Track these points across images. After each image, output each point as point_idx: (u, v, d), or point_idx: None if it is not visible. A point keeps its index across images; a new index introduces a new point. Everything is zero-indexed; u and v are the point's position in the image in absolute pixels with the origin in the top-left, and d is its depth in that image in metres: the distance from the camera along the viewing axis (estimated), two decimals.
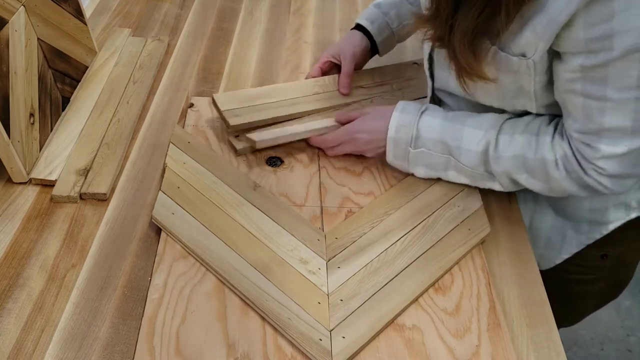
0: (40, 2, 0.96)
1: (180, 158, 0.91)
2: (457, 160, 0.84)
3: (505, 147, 0.80)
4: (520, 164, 0.80)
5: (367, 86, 1.06)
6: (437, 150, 0.84)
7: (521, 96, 0.79)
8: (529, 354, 0.71)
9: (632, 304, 1.85)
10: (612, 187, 0.76)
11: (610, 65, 0.67)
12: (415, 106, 0.87)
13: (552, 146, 0.78)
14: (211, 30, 1.27)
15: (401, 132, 0.86)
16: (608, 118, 0.71)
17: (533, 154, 0.79)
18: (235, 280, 0.74)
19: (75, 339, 0.69)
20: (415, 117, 0.85)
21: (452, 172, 0.86)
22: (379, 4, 1.05)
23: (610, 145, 0.72)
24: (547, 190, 0.81)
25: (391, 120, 0.86)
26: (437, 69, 0.89)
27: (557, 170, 0.78)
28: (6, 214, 0.83)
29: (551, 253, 0.94)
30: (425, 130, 0.84)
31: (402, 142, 0.86)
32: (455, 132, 0.83)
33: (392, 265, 0.77)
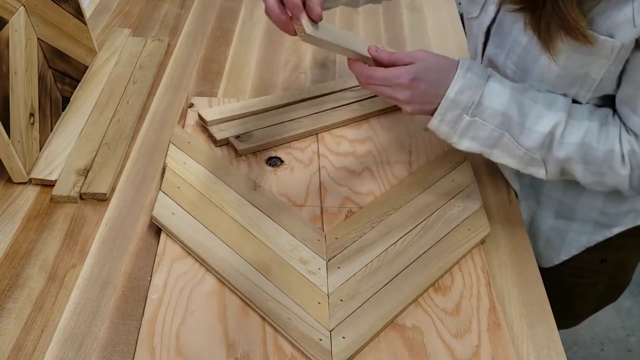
0: (40, 2, 0.96)
1: (180, 158, 0.91)
2: (513, 138, 0.76)
3: (573, 133, 0.74)
4: (584, 153, 0.74)
5: (355, 88, 1.06)
6: (495, 124, 0.76)
7: (579, 84, 0.75)
8: (529, 354, 0.71)
9: (632, 304, 1.84)
10: None
11: None
12: (480, 67, 0.77)
13: (620, 139, 0.74)
14: (211, 30, 1.27)
15: (464, 95, 0.75)
16: None
17: (601, 144, 0.74)
18: (235, 281, 0.74)
19: (75, 339, 0.69)
20: (482, 80, 0.76)
21: (498, 151, 0.78)
22: None
23: None
24: (594, 184, 0.77)
25: (455, 78, 0.75)
26: (491, 45, 0.83)
27: (623, 165, 0.74)
28: (6, 214, 0.83)
29: (550, 254, 0.94)
30: (489, 98, 0.75)
31: (460, 105, 0.75)
32: (525, 106, 0.75)
33: (392, 265, 0.77)
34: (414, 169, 0.93)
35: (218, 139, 0.93)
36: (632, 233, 0.89)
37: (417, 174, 0.92)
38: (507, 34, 0.78)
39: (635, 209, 0.87)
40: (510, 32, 0.77)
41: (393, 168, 0.93)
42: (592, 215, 0.88)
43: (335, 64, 1.19)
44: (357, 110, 1.01)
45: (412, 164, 0.94)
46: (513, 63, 0.79)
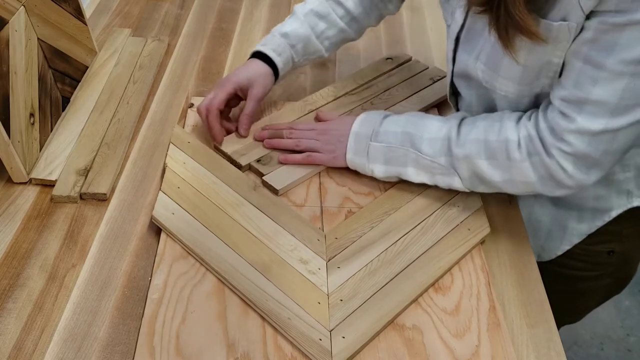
0: (40, 2, 0.96)
1: (180, 158, 0.91)
2: (417, 151, 0.83)
3: (467, 132, 0.81)
4: (482, 147, 0.79)
5: (354, 92, 1.06)
6: (398, 143, 0.84)
7: (543, 75, 0.77)
8: (529, 354, 0.71)
9: (631, 303, 1.85)
10: (574, 172, 0.74)
11: (627, 30, 0.66)
12: (381, 111, 0.90)
13: (516, 128, 0.78)
14: (211, 30, 1.27)
15: (364, 127, 0.87)
16: (597, 89, 0.70)
17: (496, 136, 0.79)
18: (235, 280, 0.74)
19: (75, 339, 0.69)
20: (380, 116, 0.88)
21: (410, 168, 0.85)
22: (286, 34, 0.98)
23: (588, 119, 0.71)
24: (508, 183, 0.80)
25: (358, 117, 0.89)
26: (461, 51, 0.87)
27: (519, 151, 0.77)
28: (6, 214, 0.84)
29: (552, 245, 0.94)
30: (388, 124, 0.86)
31: (364, 136, 0.86)
32: (419, 123, 0.85)
33: (392, 265, 0.78)
34: None
35: (243, 164, 0.91)
36: (634, 221, 0.90)
37: None
38: (478, 36, 0.81)
39: (626, 189, 0.87)
40: (481, 34, 0.80)
41: None
42: (588, 202, 0.89)
43: (335, 64, 1.19)
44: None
45: None
46: (482, 63, 0.82)
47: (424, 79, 1.10)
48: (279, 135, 0.93)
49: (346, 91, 1.06)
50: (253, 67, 0.96)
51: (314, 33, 1.00)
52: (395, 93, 1.06)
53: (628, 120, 0.70)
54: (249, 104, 0.95)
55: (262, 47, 0.98)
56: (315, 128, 0.93)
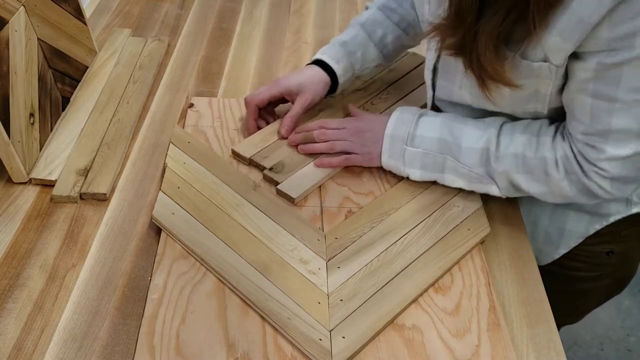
0: (40, 2, 0.96)
1: (180, 158, 0.91)
2: (455, 159, 0.83)
3: (506, 146, 0.80)
4: (520, 163, 0.79)
5: (362, 87, 1.06)
6: (435, 149, 0.84)
7: (534, 100, 0.79)
8: (529, 354, 0.71)
9: (631, 303, 1.85)
10: (612, 190, 0.76)
11: (627, 64, 0.67)
12: (414, 108, 0.88)
13: (552, 146, 0.78)
14: (211, 30, 1.27)
15: (399, 129, 0.85)
16: (615, 119, 0.71)
17: (534, 153, 0.79)
18: (235, 280, 0.74)
19: (75, 339, 0.69)
20: (414, 115, 0.86)
21: (448, 175, 0.85)
22: (345, 42, 0.99)
23: (616, 147, 0.72)
24: (546, 194, 0.81)
25: (390, 117, 0.87)
26: (441, 79, 0.88)
27: (557, 170, 0.78)
28: (6, 214, 0.84)
29: (550, 248, 0.95)
30: (423, 128, 0.84)
31: (399, 139, 0.85)
32: (456, 129, 0.83)
33: (392, 265, 0.78)
34: None
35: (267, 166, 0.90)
36: (633, 224, 0.90)
37: None
38: (456, 68, 0.80)
39: (625, 197, 0.87)
40: (458, 66, 0.79)
41: None
42: (586, 205, 0.89)
43: None
44: None
45: None
46: (468, 92, 0.83)
47: (419, 75, 1.10)
48: (311, 139, 0.91)
49: (354, 87, 1.06)
50: (307, 73, 0.97)
51: (372, 40, 1.00)
52: (394, 92, 1.06)
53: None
54: (294, 108, 0.95)
55: (320, 55, 0.98)
56: (346, 127, 0.91)
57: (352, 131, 0.90)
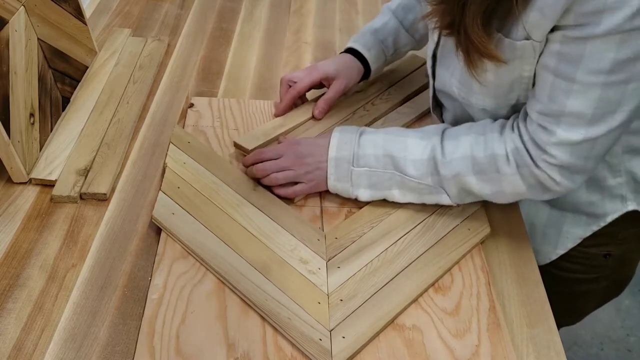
0: (40, 2, 0.96)
1: (180, 158, 0.91)
2: (402, 174, 0.82)
3: (452, 150, 0.80)
4: (469, 164, 0.79)
5: (362, 88, 1.06)
6: (381, 166, 0.82)
7: (516, 88, 0.78)
8: (529, 354, 0.71)
9: (631, 303, 1.85)
10: (561, 180, 0.75)
11: (590, 42, 0.67)
12: (352, 127, 0.87)
13: (502, 140, 0.78)
14: (211, 30, 1.27)
15: (343, 150, 0.83)
16: (571, 101, 0.70)
17: (483, 151, 0.78)
18: (235, 280, 0.74)
19: (75, 339, 0.69)
20: (355, 135, 0.84)
21: (396, 190, 0.83)
22: (376, 30, 1.02)
23: (567, 131, 0.72)
24: (497, 194, 0.80)
25: (331, 139, 0.85)
26: (439, 67, 0.88)
27: (508, 164, 0.77)
28: (6, 214, 0.84)
29: (547, 248, 0.95)
30: (367, 146, 0.83)
31: (344, 160, 0.83)
32: (399, 143, 0.82)
33: (392, 265, 0.78)
34: None
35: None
36: (629, 225, 0.90)
37: None
38: (451, 54, 0.81)
39: (620, 194, 0.87)
40: (452, 53, 0.80)
41: None
42: (581, 206, 0.89)
43: None
44: (365, 116, 1.01)
45: None
46: (457, 80, 0.83)
47: (420, 76, 1.10)
48: (253, 175, 0.88)
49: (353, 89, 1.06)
50: (342, 59, 1.01)
51: (404, 26, 1.02)
52: (394, 92, 1.06)
53: (606, 128, 0.71)
54: (329, 93, 0.99)
55: (352, 44, 1.02)
56: (284, 153, 0.86)
57: (292, 158, 0.86)
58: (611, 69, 0.67)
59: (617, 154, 0.84)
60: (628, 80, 0.68)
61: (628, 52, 0.66)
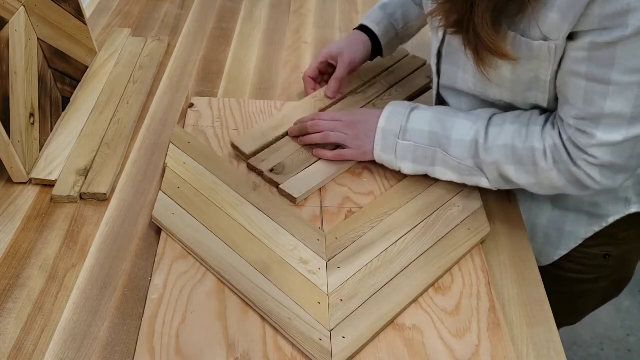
0: (40, 2, 0.96)
1: (180, 158, 0.91)
2: (445, 152, 0.83)
3: (495, 137, 0.80)
4: (509, 154, 0.79)
5: (360, 90, 1.06)
6: (425, 143, 0.84)
7: (534, 88, 0.78)
8: (529, 354, 0.71)
9: (631, 303, 1.85)
10: (601, 180, 0.75)
11: (620, 44, 0.66)
12: (407, 102, 0.89)
13: (541, 135, 0.78)
14: (211, 30, 1.27)
15: (391, 123, 0.86)
16: (609, 102, 0.70)
17: (523, 143, 0.78)
18: (235, 280, 0.74)
19: (75, 339, 0.69)
20: (406, 109, 0.86)
21: (439, 168, 0.85)
22: (384, 4, 1.04)
23: (607, 133, 0.72)
24: (535, 185, 0.80)
25: (383, 111, 0.87)
26: (445, 64, 0.88)
27: (545, 159, 0.77)
28: (6, 214, 0.84)
29: (549, 249, 0.95)
30: (415, 121, 0.85)
31: (391, 132, 0.85)
32: (447, 122, 0.83)
33: (392, 265, 0.78)
34: None
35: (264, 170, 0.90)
36: (630, 226, 0.90)
37: None
38: (459, 50, 0.80)
39: (624, 196, 0.87)
40: (462, 49, 0.79)
41: None
42: (584, 206, 0.89)
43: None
44: None
45: None
46: (471, 75, 0.83)
47: (421, 76, 1.10)
48: (305, 130, 0.93)
49: (352, 88, 1.06)
50: (347, 37, 1.04)
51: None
52: (395, 93, 1.06)
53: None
54: (338, 70, 1.01)
55: (363, 21, 1.05)
56: (341, 119, 0.91)
57: (346, 123, 0.90)
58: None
59: None
60: None
61: None
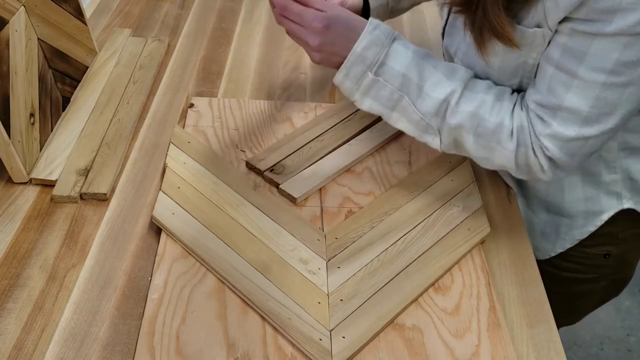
0: (40, 2, 0.96)
1: (181, 158, 0.91)
2: (411, 102, 0.77)
3: (467, 102, 0.76)
4: (475, 123, 0.76)
5: None
6: (395, 85, 0.77)
7: (520, 72, 0.78)
8: (529, 354, 0.71)
9: (631, 303, 1.85)
10: (547, 170, 0.75)
11: (597, 39, 0.67)
12: (387, 28, 0.79)
13: (512, 114, 0.76)
14: (211, 30, 1.27)
15: (370, 51, 0.77)
16: (570, 96, 0.70)
17: (494, 116, 0.76)
18: (235, 280, 0.74)
19: (75, 339, 0.69)
20: (388, 40, 0.78)
21: (396, 114, 0.79)
22: None
23: (561, 126, 0.72)
24: (484, 160, 0.79)
25: (363, 34, 0.77)
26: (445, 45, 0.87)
27: (510, 140, 0.76)
28: (6, 214, 0.84)
29: (546, 246, 0.95)
30: (393, 59, 0.77)
31: (366, 62, 0.77)
32: (424, 70, 0.77)
33: (392, 265, 0.78)
34: (414, 169, 0.93)
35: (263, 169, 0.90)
36: (630, 224, 0.90)
37: (417, 174, 0.92)
38: (458, 32, 0.80)
39: (616, 191, 0.87)
40: (460, 31, 0.79)
41: (393, 168, 0.93)
42: (579, 206, 0.89)
43: None
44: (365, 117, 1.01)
45: (412, 164, 0.94)
46: (459, 59, 0.82)
47: None
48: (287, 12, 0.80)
49: None
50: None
51: None
52: None
53: (599, 129, 0.71)
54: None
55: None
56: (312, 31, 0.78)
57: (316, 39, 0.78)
58: (613, 69, 0.67)
59: (613, 150, 0.84)
60: (627, 84, 0.68)
61: (632, 55, 0.66)
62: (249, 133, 0.98)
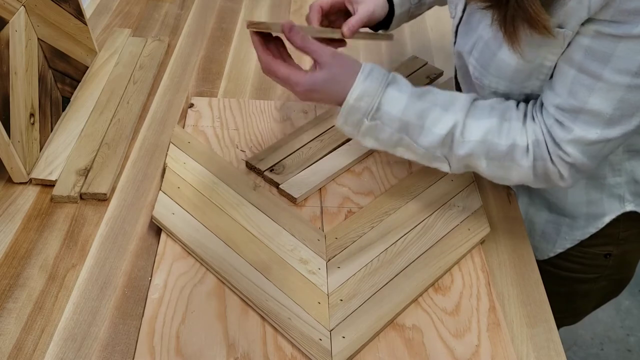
0: (40, 2, 0.96)
1: (181, 158, 0.91)
2: (412, 140, 0.78)
3: (472, 131, 0.76)
4: (486, 149, 0.76)
5: None
6: (394, 127, 0.78)
7: (535, 76, 0.77)
8: (528, 354, 0.71)
9: (631, 303, 1.85)
10: (568, 178, 0.75)
11: (623, 41, 0.66)
12: (381, 73, 0.79)
13: (524, 131, 0.76)
14: (211, 30, 1.27)
15: (362, 101, 0.77)
16: (593, 98, 0.69)
17: (504, 139, 0.76)
18: (235, 280, 0.74)
19: (75, 339, 0.69)
20: (381, 87, 0.78)
21: (400, 149, 0.80)
22: None
23: (583, 129, 0.71)
24: (500, 178, 0.78)
25: (354, 85, 0.77)
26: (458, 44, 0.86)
27: (526, 156, 0.75)
28: (6, 214, 0.84)
29: (546, 246, 0.95)
30: (387, 105, 0.77)
31: (360, 111, 0.78)
32: (422, 111, 0.77)
33: (392, 265, 0.78)
34: (414, 169, 0.93)
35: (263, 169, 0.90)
36: (631, 224, 0.90)
37: (417, 174, 0.92)
38: (473, 31, 0.79)
39: (618, 194, 0.87)
40: (475, 30, 0.79)
41: (393, 168, 0.93)
42: (581, 208, 0.89)
43: None
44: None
45: (412, 164, 0.94)
46: (474, 59, 0.81)
47: (421, 78, 1.11)
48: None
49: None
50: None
51: None
52: None
53: (621, 131, 0.71)
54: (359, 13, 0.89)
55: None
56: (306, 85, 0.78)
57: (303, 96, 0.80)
58: (638, 71, 0.66)
59: (618, 153, 0.84)
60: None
61: None
62: (248, 133, 0.98)
